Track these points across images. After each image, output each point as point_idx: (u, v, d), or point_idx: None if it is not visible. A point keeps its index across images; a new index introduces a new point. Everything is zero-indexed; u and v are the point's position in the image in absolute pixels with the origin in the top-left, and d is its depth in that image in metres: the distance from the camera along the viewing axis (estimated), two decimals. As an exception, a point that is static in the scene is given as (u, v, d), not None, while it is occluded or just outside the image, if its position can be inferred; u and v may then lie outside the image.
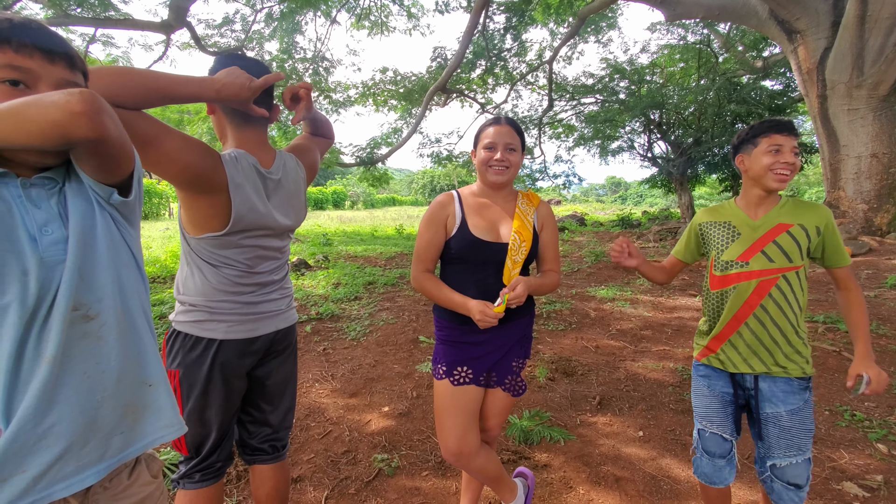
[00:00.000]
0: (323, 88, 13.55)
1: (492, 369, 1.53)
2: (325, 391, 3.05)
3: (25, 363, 0.68)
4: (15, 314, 0.66)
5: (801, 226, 1.37)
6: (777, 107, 13.13)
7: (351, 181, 45.28)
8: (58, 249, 0.71)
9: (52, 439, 0.70)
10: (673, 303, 5.18)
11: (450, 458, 1.52)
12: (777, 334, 1.37)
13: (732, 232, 1.44)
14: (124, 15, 9.04)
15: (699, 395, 1.53)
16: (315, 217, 22.20)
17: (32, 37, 0.70)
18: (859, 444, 2.34)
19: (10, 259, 0.67)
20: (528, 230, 1.49)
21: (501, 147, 1.46)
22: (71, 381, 0.72)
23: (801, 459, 1.36)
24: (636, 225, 13.93)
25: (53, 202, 0.74)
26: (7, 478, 0.67)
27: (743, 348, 1.42)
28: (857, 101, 7.31)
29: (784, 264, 1.36)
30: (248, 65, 1.21)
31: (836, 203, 7.83)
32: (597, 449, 2.36)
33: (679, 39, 15.43)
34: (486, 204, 1.53)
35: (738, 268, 1.41)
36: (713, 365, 1.49)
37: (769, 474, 1.40)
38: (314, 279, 6.52)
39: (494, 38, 13.59)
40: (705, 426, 1.50)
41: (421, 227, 1.52)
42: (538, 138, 16.90)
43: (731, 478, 1.48)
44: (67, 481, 0.73)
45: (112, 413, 0.77)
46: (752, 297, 1.38)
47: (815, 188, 32.21)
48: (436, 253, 1.50)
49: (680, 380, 3.12)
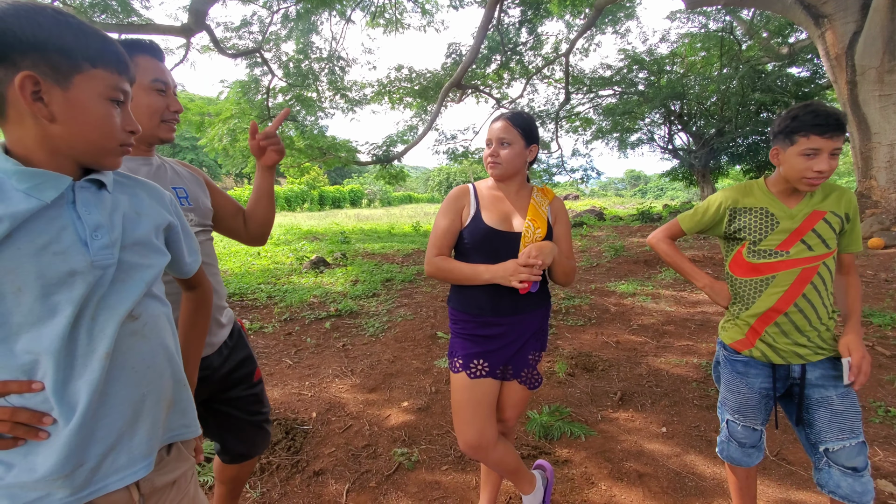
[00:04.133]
0: (339, 87, 13.66)
1: (508, 362, 1.53)
2: (344, 386, 3.09)
3: (79, 359, 0.71)
4: (63, 314, 0.69)
5: (834, 212, 1.34)
6: (804, 94, 12.70)
7: (368, 179, 45.60)
8: (107, 254, 0.74)
9: (104, 431, 0.73)
10: (696, 297, 5.06)
11: (468, 450, 1.52)
12: (817, 321, 1.35)
13: (771, 220, 1.37)
14: (146, 20, 9.26)
15: (734, 390, 1.48)
16: (333, 216, 22.44)
17: (127, 62, 0.78)
18: (894, 441, 2.25)
19: (58, 261, 0.69)
20: (542, 219, 1.50)
21: (496, 142, 1.51)
22: (121, 376, 0.75)
23: (856, 442, 1.31)
24: (657, 219, 13.67)
25: (102, 206, 0.77)
26: (70, 472, 0.70)
27: (785, 340, 1.37)
28: (889, 86, 7.01)
29: (823, 251, 1.33)
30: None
31: (867, 193, 7.54)
32: (618, 445, 2.33)
33: (700, 27, 15.05)
34: (500, 197, 1.55)
35: (779, 257, 1.36)
36: (755, 357, 1.43)
37: (826, 460, 1.35)
38: (333, 277, 6.59)
39: (509, 31, 13.48)
40: (737, 419, 1.48)
41: (438, 216, 1.55)
42: (555, 132, 16.72)
43: (758, 459, 1.51)
44: (121, 473, 0.76)
45: (154, 407, 0.80)
46: (794, 286, 1.34)
47: (846, 178, 31.09)
48: (451, 241, 1.53)
49: (704, 375, 3.05)
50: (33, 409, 0.69)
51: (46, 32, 0.67)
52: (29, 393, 0.68)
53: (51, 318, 0.68)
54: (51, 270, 0.68)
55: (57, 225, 0.71)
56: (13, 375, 0.68)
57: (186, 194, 1.26)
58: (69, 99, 0.70)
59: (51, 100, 0.69)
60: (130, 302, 0.77)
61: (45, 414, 0.69)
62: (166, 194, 0.92)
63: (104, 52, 0.73)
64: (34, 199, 0.69)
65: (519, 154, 1.51)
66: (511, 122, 1.50)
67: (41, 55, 0.67)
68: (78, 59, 0.70)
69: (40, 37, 0.67)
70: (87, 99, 0.71)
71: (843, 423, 1.32)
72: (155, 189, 0.90)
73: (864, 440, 1.33)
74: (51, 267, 0.68)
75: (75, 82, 0.70)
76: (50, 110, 0.69)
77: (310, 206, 32.39)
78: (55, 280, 0.69)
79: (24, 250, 0.67)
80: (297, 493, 2.01)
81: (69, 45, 0.69)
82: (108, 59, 0.73)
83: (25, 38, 0.66)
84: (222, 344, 1.35)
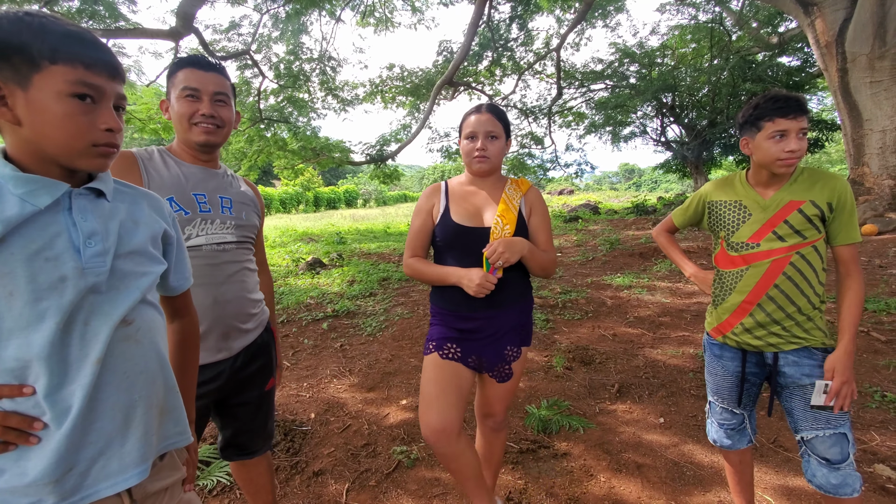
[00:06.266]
0: (330, 88, 13.59)
1: (482, 353, 1.49)
2: (343, 386, 3.08)
3: (73, 364, 0.71)
4: (51, 320, 0.68)
5: (813, 202, 1.30)
6: (795, 83, 12.74)
7: (362, 179, 45.51)
8: (99, 261, 0.73)
9: (95, 436, 0.73)
10: (691, 288, 5.08)
11: (430, 435, 1.38)
12: (794, 311, 1.34)
13: (744, 213, 1.39)
14: (134, 24, 9.17)
15: (711, 372, 1.55)
16: (328, 217, 22.38)
17: (101, 54, 0.73)
18: (891, 425, 2.26)
19: (49, 267, 0.69)
20: (512, 213, 1.47)
21: (482, 135, 1.46)
22: (112, 380, 0.75)
23: (830, 433, 1.31)
24: (651, 211, 13.70)
25: (98, 213, 0.76)
26: (60, 477, 0.69)
27: (758, 328, 1.38)
28: (880, 72, 7.04)
29: (797, 242, 1.32)
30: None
31: (860, 180, 7.58)
32: (617, 436, 2.33)
33: (690, 19, 15.07)
34: (472, 191, 1.54)
35: (750, 249, 1.37)
36: (728, 344, 1.47)
37: (804, 448, 1.37)
38: (329, 277, 6.57)
39: (500, 28, 13.45)
40: (716, 400, 1.56)
41: (412, 216, 1.56)
42: (548, 128, 16.72)
43: (743, 444, 1.54)
44: (112, 479, 0.75)
45: (146, 413, 0.79)
46: (764, 277, 1.35)
47: (838, 165, 31.26)
48: (424, 240, 1.53)
49: (700, 365, 3.06)
50: (24, 413, 0.69)
51: (5, 34, 0.66)
52: (21, 397, 0.68)
53: (40, 324, 0.68)
54: (42, 276, 0.68)
55: (51, 231, 0.70)
56: (3, 380, 0.68)
57: (231, 205, 1.35)
58: (29, 100, 0.68)
59: (14, 103, 0.68)
60: (125, 308, 0.76)
61: (36, 419, 0.69)
62: (166, 206, 0.92)
63: (65, 47, 0.69)
64: (29, 204, 0.69)
65: (503, 148, 1.50)
66: (495, 115, 1.48)
67: (1, 59, 0.66)
68: (35, 58, 0.67)
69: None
70: (45, 98, 0.68)
71: (818, 413, 1.32)
72: (156, 200, 0.90)
73: (843, 432, 1.31)
74: (42, 272, 0.68)
75: (34, 82, 0.68)
76: (14, 114, 0.68)
77: (305, 208, 32.31)
78: (46, 285, 0.68)
79: (17, 255, 0.67)
80: (296, 493, 2.01)
81: (26, 45, 0.67)
82: (70, 54, 0.69)
83: None
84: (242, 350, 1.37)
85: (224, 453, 1.50)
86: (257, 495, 1.58)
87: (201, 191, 1.30)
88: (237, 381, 1.37)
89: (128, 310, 0.77)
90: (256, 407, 1.46)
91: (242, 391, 1.41)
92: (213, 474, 2.08)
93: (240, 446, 1.48)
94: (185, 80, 1.27)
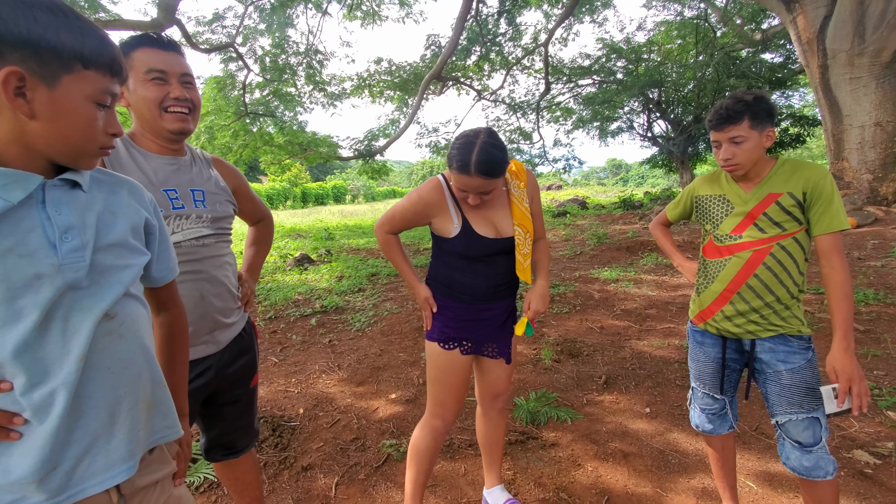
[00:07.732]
0: (317, 82, 13.45)
1: (495, 340, 1.59)
2: (331, 381, 3.07)
3: (54, 361, 0.69)
4: (28, 318, 0.67)
5: (790, 193, 1.33)
6: (777, 80, 12.94)
7: (350, 175, 45.21)
8: (77, 256, 0.71)
9: (79, 433, 0.71)
10: (676, 281, 5.15)
11: (452, 420, 1.61)
12: (772, 300, 1.38)
13: (727, 206, 1.45)
14: (114, 16, 8.96)
15: (694, 358, 1.61)
16: (316, 212, 22.19)
17: (122, 63, 0.75)
18: (869, 411, 2.33)
19: (23, 264, 0.66)
20: (527, 218, 1.51)
21: (472, 196, 1.40)
22: (96, 377, 0.73)
23: (803, 417, 1.35)
24: (638, 206, 13.84)
25: (74, 206, 0.74)
26: (45, 475, 0.68)
27: (737, 316, 1.43)
28: (859, 69, 7.19)
29: (776, 233, 1.36)
30: None
31: (840, 174, 7.75)
32: (604, 427, 2.37)
33: (676, 15, 15.21)
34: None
35: (733, 240, 1.42)
36: (709, 331, 1.53)
37: (779, 432, 1.42)
38: (317, 273, 6.53)
39: (488, 22, 13.42)
40: (698, 386, 1.60)
41: (406, 202, 1.52)
42: (536, 123, 16.78)
43: (724, 429, 1.59)
44: (99, 477, 0.74)
45: (132, 409, 0.78)
46: (745, 267, 1.39)
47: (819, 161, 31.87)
48: (407, 227, 1.59)
49: (685, 356, 3.11)
50: (3, 409, 0.67)
51: (42, 28, 0.64)
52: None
53: (15, 323, 0.66)
54: (16, 273, 0.66)
55: (24, 227, 0.68)
56: None
57: (203, 198, 1.28)
58: (54, 98, 0.67)
59: (34, 97, 0.66)
60: (107, 303, 0.74)
61: (16, 414, 0.67)
62: (147, 194, 0.89)
63: (99, 54, 0.69)
64: (0, 199, 0.66)
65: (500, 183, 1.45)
66: (490, 176, 1.34)
67: (32, 51, 0.64)
68: (70, 59, 0.67)
69: (34, 32, 0.64)
70: (73, 100, 0.68)
71: (792, 397, 1.36)
72: (136, 187, 0.87)
73: (815, 417, 1.35)
74: (16, 270, 0.66)
75: (63, 82, 0.67)
76: (32, 107, 0.66)
77: (292, 204, 31.97)
78: (20, 283, 0.66)
79: None
80: (285, 489, 2.00)
81: (63, 44, 0.66)
82: (102, 61, 0.70)
83: (18, 32, 0.63)
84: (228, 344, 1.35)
85: (209, 455, 1.46)
86: (244, 492, 1.56)
87: (172, 185, 1.22)
88: (224, 378, 1.35)
89: (111, 304, 0.75)
90: (245, 404, 1.45)
91: (231, 388, 1.39)
92: (200, 471, 2.06)
93: (226, 446, 1.46)
94: (149, 62, 1.14)
